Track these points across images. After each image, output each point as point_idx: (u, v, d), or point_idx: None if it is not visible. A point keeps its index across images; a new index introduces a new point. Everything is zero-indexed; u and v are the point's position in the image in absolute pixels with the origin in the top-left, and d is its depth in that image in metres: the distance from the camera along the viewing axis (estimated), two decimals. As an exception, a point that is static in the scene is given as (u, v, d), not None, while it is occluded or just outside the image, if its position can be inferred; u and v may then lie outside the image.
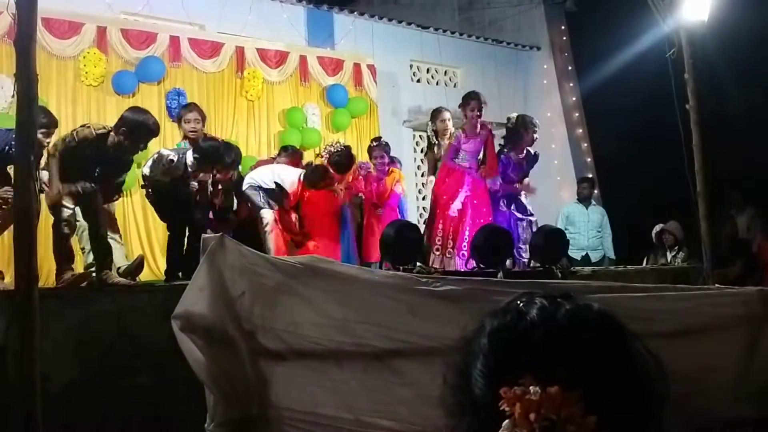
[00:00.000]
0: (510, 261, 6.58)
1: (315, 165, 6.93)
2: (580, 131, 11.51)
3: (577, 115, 11.57)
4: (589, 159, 11.36)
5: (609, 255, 8.73)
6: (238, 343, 2.69)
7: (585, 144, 11.46)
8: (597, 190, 9.99)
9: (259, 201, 6.26)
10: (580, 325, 0.95)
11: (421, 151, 10.49)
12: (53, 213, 5.01)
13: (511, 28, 12.00)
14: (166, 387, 3.96)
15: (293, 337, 2.73)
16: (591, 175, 10.36)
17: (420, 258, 6.34)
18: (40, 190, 4.79)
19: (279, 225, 6.38)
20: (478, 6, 12.28)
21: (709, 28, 6.11)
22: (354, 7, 10.57)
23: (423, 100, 10.27)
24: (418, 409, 2.55)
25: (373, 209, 7.06)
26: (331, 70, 9.03)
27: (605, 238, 8.77)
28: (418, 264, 6.15)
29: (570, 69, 11.76)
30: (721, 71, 8.49)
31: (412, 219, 8.38)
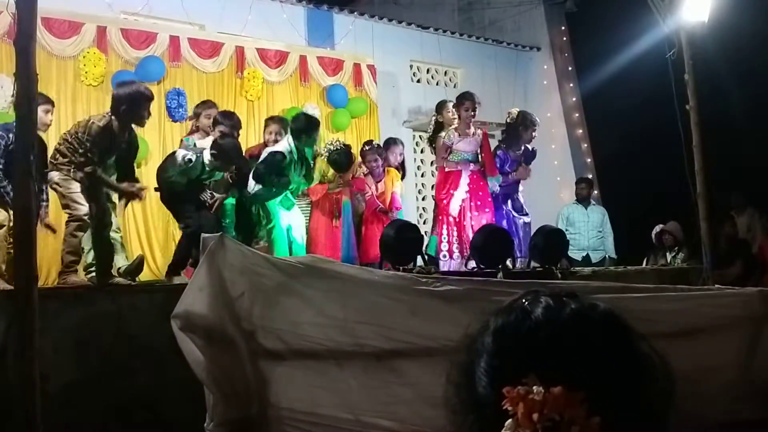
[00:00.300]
0: (510, 261, 6.58)
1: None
2: (580, 132, 11.50)
3: (577, 116, 11.56)
4: (589, 159, 11.35)
5: (610, 255, 8.70)
6: (237, 343, 2.69)
7: (585, 144, 11.45)
8: (596, 190, 9.98)
9: None
10: (585, 325, 0.93)
11: (421, 152, 10.50)
12: (66, 209, 4.98)
13: (511, 28, 11.99)
14: (165, 387, 3.96)
15: (293, 337, 2.72)
16: (590, 176, 10.34)
17: (420, 258, 6.33)
18: (40, 189, 4.79)
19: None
20: (478, 6, 12.28)
21: (710, 28, 6.11)
22: (354, 7, 10.57)
23: (423, 100, 10.27)
24: (418, 409, 2.55)
25: (382, 215, 7.03)
26: (331, 70, 9.02)
27: (606, 238, 8.74)
28: (418, 264, 6.15)
29: (570, 69, 11.75)
30: (721, 72, 8.48)
31: (411, 219, 8.37)
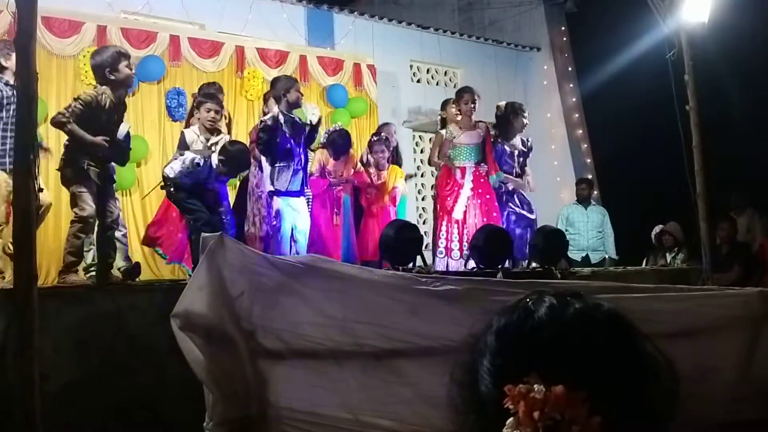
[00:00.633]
0: (509, 261, 6.57)
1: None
2: (580, 132, 11.50)
3: (577, 116, 11.56)
4: (589, 160, 11.35)
5: (611, 255, 8.70)
6: (237, 343, 2.69)
7: (585, 145, 11.45)
8: (596, 190, 9.98)
9: None
10: (588, 325, 0.93)
11: (421, 152, 10.49)
12: (74, 207, 4.97)
13: (512, 28, 12.00)
14: (165, 386, 3.96)
15: (293, 337, 2.72)
16: (590, 176, 10.34)
17: (420, 258, 6.33)
18: (40, 189, 4.78)
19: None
20: (478, 6, 12.29)
21: (710, 29, 6.11)
22: (354, 7, 10.57)
23: (423, 100, 10.27)
24: (417, 409, 2.55)
25: (373, 198, 7.01)
26: (331, 70, 9.02)
27: (607, 238, 8.74)
28: (417, 264, 6.15)
29: (570, 70, 11.75)
30: (721, 73, 8.49)
31: (411, 219, 8.36)
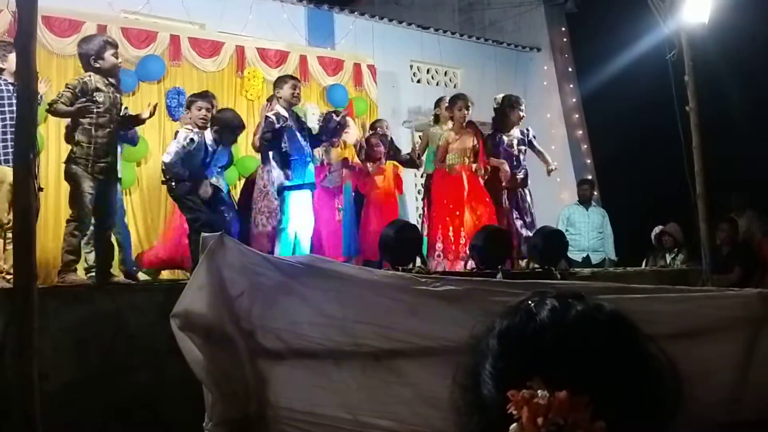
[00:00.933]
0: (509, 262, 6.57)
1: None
2: (580, 133, 11.50)
3: (577, 117, 11.55)
4: (589, 160, 11.35)
5: (610, 256, 8.71)
6: (237, 343, 2.69)
7: (585, 145, 11.45)
8: (596, 191, 9.98)
9: None
10: (590, 327, 0.92)
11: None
12: (72, 207, 4.97)
13: (512, 29, 11.99)
14: (164, 386, 3.96)
15: (292, 337, 2.72)
16: (590, 177, 10.34)
17: (420, 258, 6.33)
18: (39, 188, 4.77)
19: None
20: (478, 7, 12.29)
21: (710, 30, 6.11)
22: (354, 7, 10.58)
23: (423, 100, 10.26)
24: (416, 409, 2.55)
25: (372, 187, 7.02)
26: (331, 70, 9.02)
27: (606, 239, 8.75)
28: (417, 264, 6.14)
29: (570, 70, 11.75)
30: (722, 73, 8.49)
31: (411, 219, 8.36)
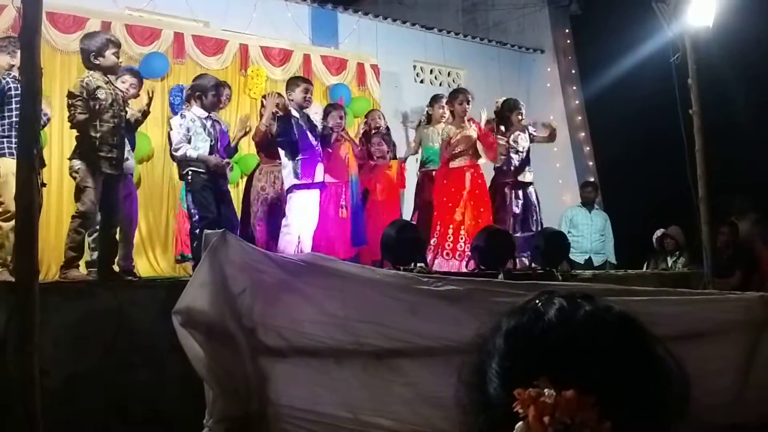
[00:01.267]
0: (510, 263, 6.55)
1: None
2: (582, 135, 11.49)
3: (580, 119, 11.54)
4: (591, 163, 11.33)
5: (611, 259, 8.72)
6: (238, 340, 2.69)
7: (587, 148, 11.44)
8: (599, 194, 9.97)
9: None
10: (598, 328, 0.92)
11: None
12: (77, 201, 4.97)
13: (515, 30, 11.98)
14: (165, 383, 3.96)
15: (294, 335, 2.72)
16: (592, 179, 10.33)
17: (420, 258, 6.31)
18: (42, 184, 4.77)
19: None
20: (482, 8, 12.28)
21: (714, 33, 6.10)
22: (358, 7, 10.57)
23: (426, 100, 10.15)
24: (417, 409, 2.55)
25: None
26: (335, 69, 9.03)
27: (607, 242, 8.76)
28: (418, 264, 6.13)
29: (573, 72, 11.74)
30: (725, 77, 8.47)
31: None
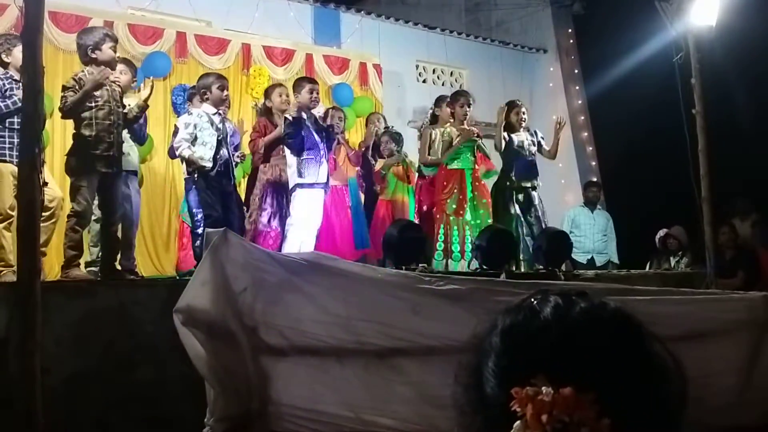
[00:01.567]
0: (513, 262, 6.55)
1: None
2: (585, 135, 11.47)
3: (583, 119, 11.52)
4: (594, 163, 11.32)
5: (613, 259, 8.71)
6: (239, 339, 2.69)
7: (590, 147, 11.42)
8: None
9: None
10: (595, 325, 0.91)
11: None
12: (72, 201, 4.97)
13: (518, 30, 11.98)
14: (167, 382, 3.96)
15: (295, 334, 2.72)
16: (595, 179, 10.32)
17: (423, 258, 6.31)
18: (44, 183, 4.77)
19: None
20: (485, 7, 12.27)
21: (717, 33, 6.08)
22: (361, 7, 10.57)
23: (428, 100, 10.18)
24: (418, 408, 2.55)
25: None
26: (337, 69, 9.03)
27: (610, 242, 8.75)
28: (420, 264, 6.13)
29: (576, 72, 11.72)
30: (729, 76, 8.46)
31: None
